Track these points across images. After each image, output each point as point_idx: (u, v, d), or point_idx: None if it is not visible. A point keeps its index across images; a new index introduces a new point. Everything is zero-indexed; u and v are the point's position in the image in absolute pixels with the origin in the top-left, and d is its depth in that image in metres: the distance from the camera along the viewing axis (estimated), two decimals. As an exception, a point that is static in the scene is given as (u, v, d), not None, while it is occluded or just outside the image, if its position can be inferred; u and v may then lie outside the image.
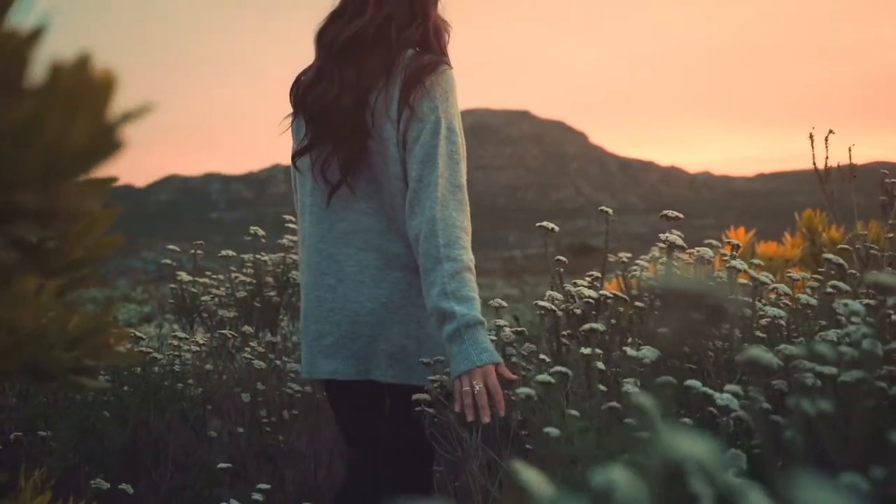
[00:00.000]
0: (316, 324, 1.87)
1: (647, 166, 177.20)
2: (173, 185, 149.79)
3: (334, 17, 1.86)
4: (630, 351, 1.49)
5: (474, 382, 1.63)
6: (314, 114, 1.83)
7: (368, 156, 1.79)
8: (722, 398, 1.36)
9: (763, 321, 1.72)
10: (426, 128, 1.74)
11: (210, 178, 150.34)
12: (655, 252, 2.68)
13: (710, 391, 1.46)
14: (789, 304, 1.83)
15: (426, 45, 1.85)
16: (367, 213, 1.83)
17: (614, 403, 1.39)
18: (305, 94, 1.86)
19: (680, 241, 1.72)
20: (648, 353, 1.57)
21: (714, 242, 2.11)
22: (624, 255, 2.37)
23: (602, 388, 1.52)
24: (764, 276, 1.52)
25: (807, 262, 3.19)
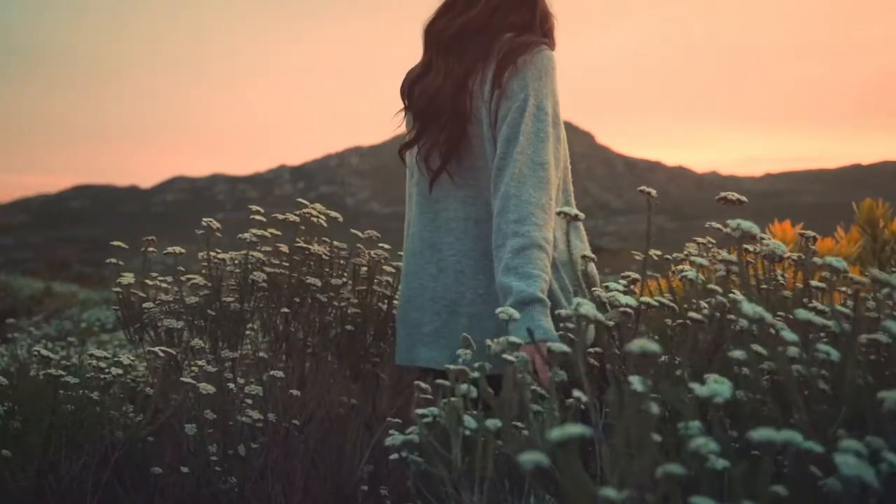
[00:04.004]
0: (417, 312, 1.90)
1: (654, 166, 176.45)
2: (179, 186, 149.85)
3: (443, 12, 1.91)
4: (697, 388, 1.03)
5: None
6: (420, 107, 1.88)
7: (468, 141, 1.83)
8: (847, 463, 0.90)
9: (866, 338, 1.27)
10: (514, 106, 1.75)
11: (216, 179, 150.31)
12: (692, 248, 2.24)
13: (815, 446, 1.00)
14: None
15: (529, 28, 1.87)
16: (466, 202, 1.85)
17: (675, 468, 0.92)
18: (412, 88, 1.92)
19: (756, 230, 1.26)
20: (719, 387, 1.11)
21: (764, 237, 1.65)
22: (654, 253, 1.95)
23: (657, 438, 1.06)
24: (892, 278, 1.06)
25: (866, 259, 2.73)
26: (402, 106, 1.99)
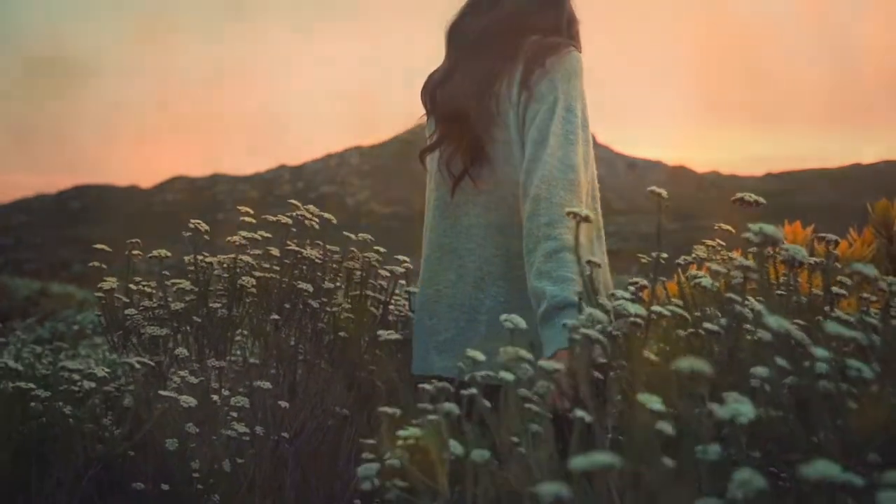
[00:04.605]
0: (433, 319, 1.85)
1: (655, 166, 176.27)
2: (179, 186, 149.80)
3: (467, 13, 1.88)
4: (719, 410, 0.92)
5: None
6: (444, 111, 1.85)
7: (493, 145, 1.79)
8: (892, 500, 0.80)
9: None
10: (543, 108, 1.71)
11: (216, 179, 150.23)
12: (700, 252, 2.14)
13: (854, 479, 0.90)
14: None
15: (555, 31, 1.84)
16: (488, 208, 1.81)
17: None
18: (434, 91, 1.88)
19: (780, 234, 1.17)
20: (741, 407, 1.01)
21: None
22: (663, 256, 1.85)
23: (669, 462, 0.96)
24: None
25: (880, 262, 2.63)
26: (419, 107, 1.94)
